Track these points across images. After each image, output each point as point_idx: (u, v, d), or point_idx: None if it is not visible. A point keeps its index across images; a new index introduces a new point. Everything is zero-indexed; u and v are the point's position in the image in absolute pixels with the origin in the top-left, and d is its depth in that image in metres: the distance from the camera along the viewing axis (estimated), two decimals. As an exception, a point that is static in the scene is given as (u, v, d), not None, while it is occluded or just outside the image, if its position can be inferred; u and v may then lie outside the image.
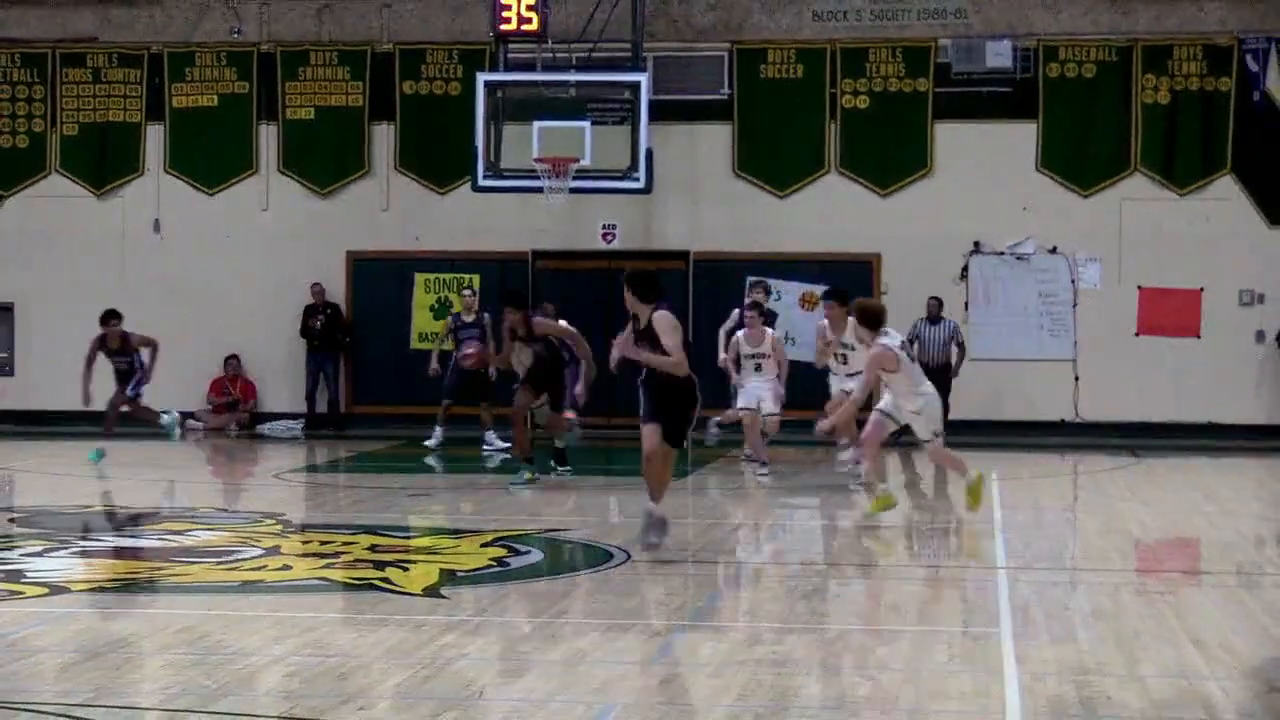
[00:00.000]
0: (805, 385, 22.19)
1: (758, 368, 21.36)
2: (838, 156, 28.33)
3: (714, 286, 27.62)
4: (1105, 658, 10.60)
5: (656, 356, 14.27)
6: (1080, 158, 28.11)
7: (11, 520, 17.12)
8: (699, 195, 28.29)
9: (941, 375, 25.23)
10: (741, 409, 21.36)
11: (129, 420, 23.52)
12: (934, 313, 26.87)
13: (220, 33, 28.98)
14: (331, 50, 29.00)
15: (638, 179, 25.44)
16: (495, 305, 23.81)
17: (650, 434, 14.51)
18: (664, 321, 14.37)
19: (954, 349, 26.96)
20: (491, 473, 20.95)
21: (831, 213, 28.12)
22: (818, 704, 9.33)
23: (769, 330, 21.69)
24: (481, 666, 10.44)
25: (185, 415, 28.16)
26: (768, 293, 23.71)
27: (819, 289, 27.26)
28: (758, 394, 21.20)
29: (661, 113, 26.40)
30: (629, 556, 14.60)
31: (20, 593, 12.95)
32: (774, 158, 28.46)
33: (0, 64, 29.22)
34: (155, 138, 29.17)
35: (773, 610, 12.68)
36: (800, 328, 26.30)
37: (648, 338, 14.34)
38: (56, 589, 13.17)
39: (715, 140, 28.45)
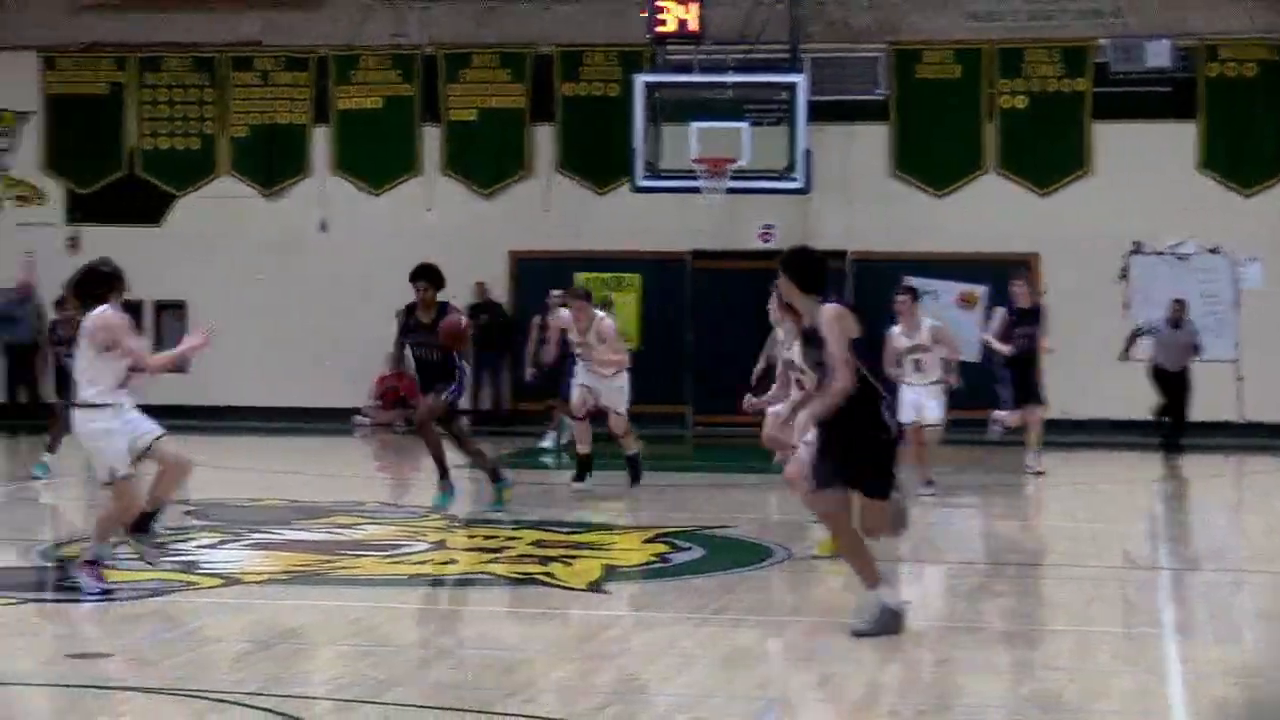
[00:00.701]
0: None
1: (917, 365, 19.23)
2: (996, 156, 28.11)
3: (872, 286, 27.49)
4: (1272, 658, 10.45)
5: (821, 404, 10.68)
6: (1241, 157, 27.70)
7: (187, 513, 17.34)
8: (855, 195, 28.15)
9: (1179, 381, 24.98)
10: (904, 424, 18.29)
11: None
12: (1177, 315, 26.28)
13: (384, 36, 29.19)
14: (493, 52, 29.14)
15: (795, 179, 25.40)
16: (657, 304, 23.77)
17: (829, 500, 10.76)
18: (828, 322, 10.46)
19: (1191, 354, 26.18)
20: (648, 470, 20.93)
21: (989, 212, 27.89)
22: (980, 703, 9.27)
23: (926, 319, 19.59)
24: (643, 662, 10.47)
25: (353, 411, 28.49)
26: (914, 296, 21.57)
27: (978, 288, 27.12)
28: (918, 403, 19.19)
29: (819, 113, 26.32)
30: (789, 554, 14.56)
31: (195, 584, 13.12)
32: (931, 157, 28.29)
33: (171, 68, 29.60)
34: (321, 139, 29.44)
35: (933, 609, 12.61)
36: (957, 328, 26.11)
37: (814, 343, 10.57)
38: (230, 580, 13.34)
39: (872, 140, 28.31)
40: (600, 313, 19.63)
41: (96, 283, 11.87)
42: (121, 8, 29.34)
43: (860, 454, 10.57)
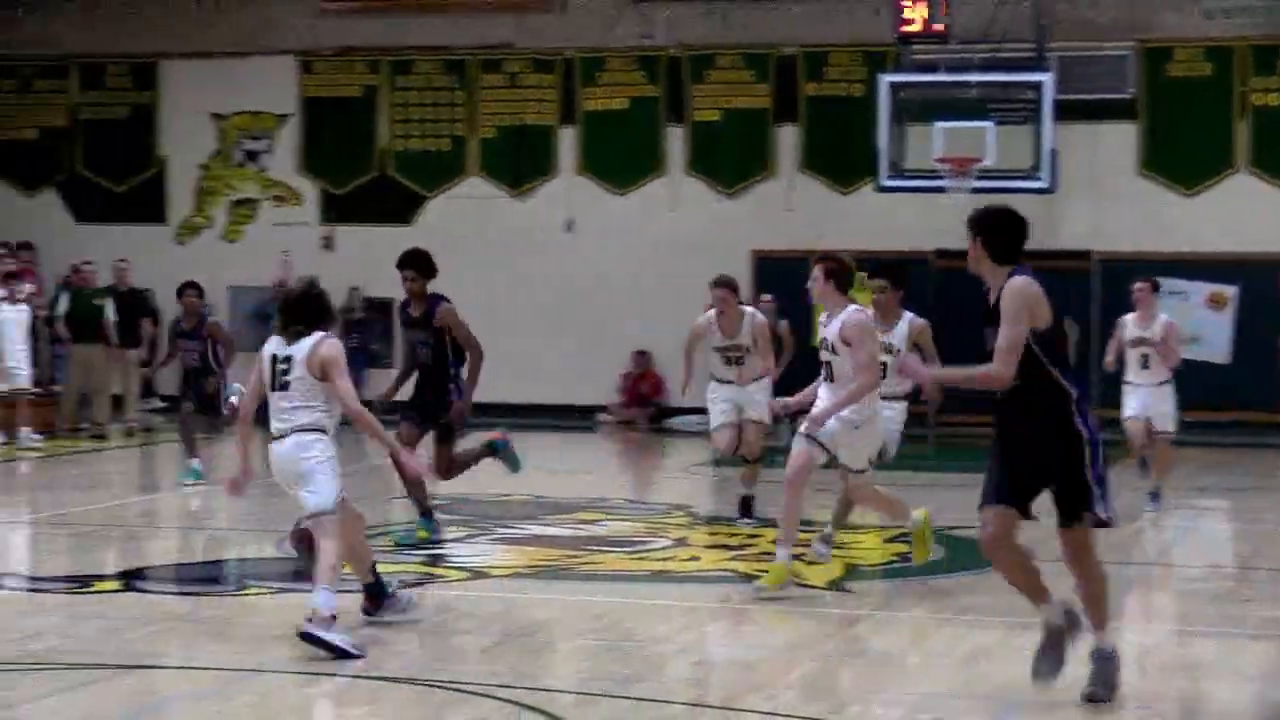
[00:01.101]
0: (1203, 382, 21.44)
1: (1144, 362, 17.68)
2: (1247, 155, 27.52)
3: (1118, 287, 27.05)
4: None
5: (960, 371, 9.41)
6: None
7: (434, 507, 17.61)
8: (1102, 194, 27.71)
9: None
10: (1128, 418, 17.82)
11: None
12: None
13: (630, 37, 29.32)
14: (737, 53, 29.15)
15: (1040, 178, 25.08)
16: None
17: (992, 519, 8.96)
18: (1013, 297, 8.77)
19: None
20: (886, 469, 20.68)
21: (1242, 212, 27.26)
22: (1227, 709, 9.11)
23: (1161, 314, 18.12)
24: (885, 661, 10.45)
25: (597, 409, 28.67)
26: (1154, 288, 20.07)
27: (1228, 289, 26.56)
28: (1145, 404, 17.66)
29: (1065, 112, 25.95)
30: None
31: (443, 577, 13.35)
32: (1180, 156, 27.74)
33: (423, 71, 30.00)
34: (568, 140, 29.66)
35: (1180, 612, 12.42)
36: (1206, 329, 25.69)
37: (998, 322, 8.79)
38: (476, 574, 13.53)
39: (1120, 139, 27.83)
40: (750, 309, 16.34)
41: (321, 310, 10.87)
42: (377, 12, 29.82)
43: (1045, 466, 8.80)
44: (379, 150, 30.06)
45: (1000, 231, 8.90)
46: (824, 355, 12.56)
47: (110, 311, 25.43)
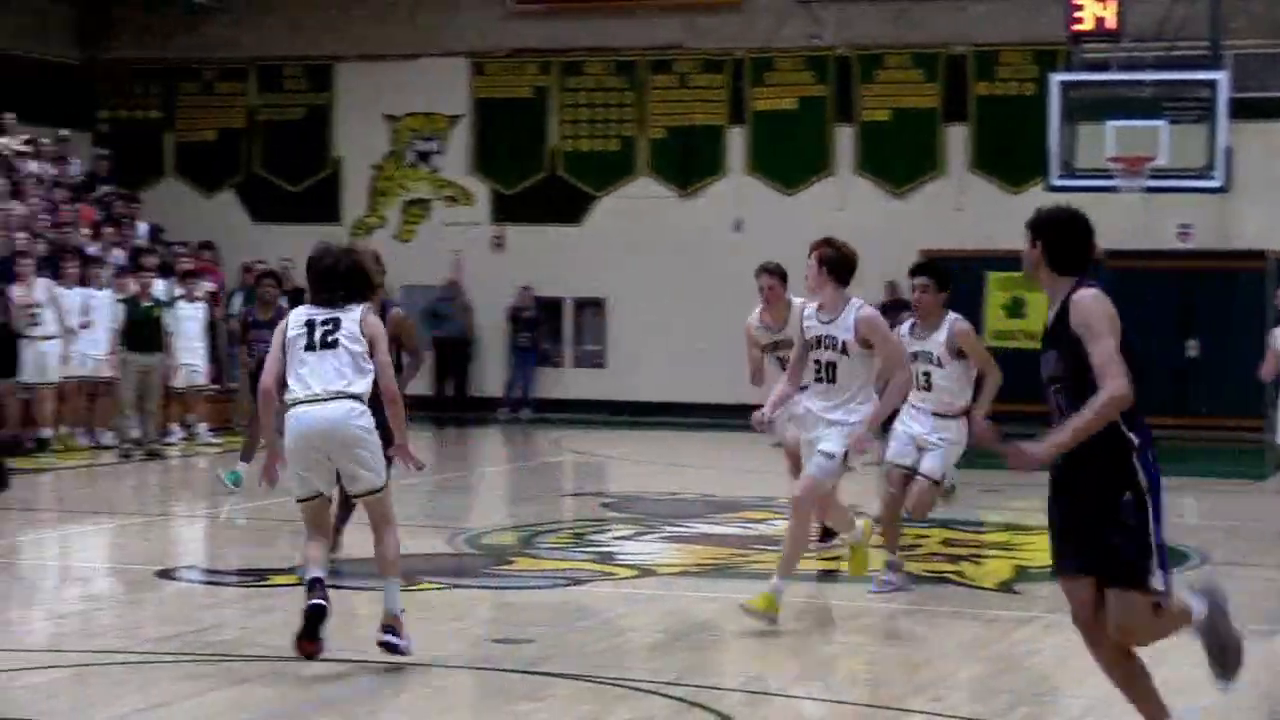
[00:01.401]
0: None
1: None
2: None
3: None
4: None
5: (1079, 424, 7.15)
6: None
7: (604, 505, 17.66)
8: (1278, 194, 27.26)
9: None
10: None
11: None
12: None
13: (799, 38, 29.24)
14: (906, 53, 29.00)
15: (1215, 177, 24.73)
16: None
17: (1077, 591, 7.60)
18: (1091, 309, 7.25)
19: None
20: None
21: None
22: None
23: None
24: (1054, 664, 10.33)
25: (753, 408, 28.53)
26: None
27: None
28: None
29: (1240, 110, 25.54)
30: (1205, 558, 14.20)
31: (612, 574, 13.37)
32: (1360, 154, 27.27)
33: (594, 72, 30.11)
34: (737, 140, 29.64)
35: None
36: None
37: (1061, 343, 7.33)
38: (645, 571, 13.54)
39: (1297, 137, 27.41)
40: (799, 300, 13.26)
41: (364, 280, 10.12)
42: (549, 14, 29.96)
43: (1101, 525, 7.29)
44: (549, 151, 30.20)
45: (1064, 236, 7.50)
46: (824, 355, 11.13)
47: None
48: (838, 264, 11.34)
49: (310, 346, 9.63)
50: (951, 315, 12.58)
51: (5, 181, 25.95)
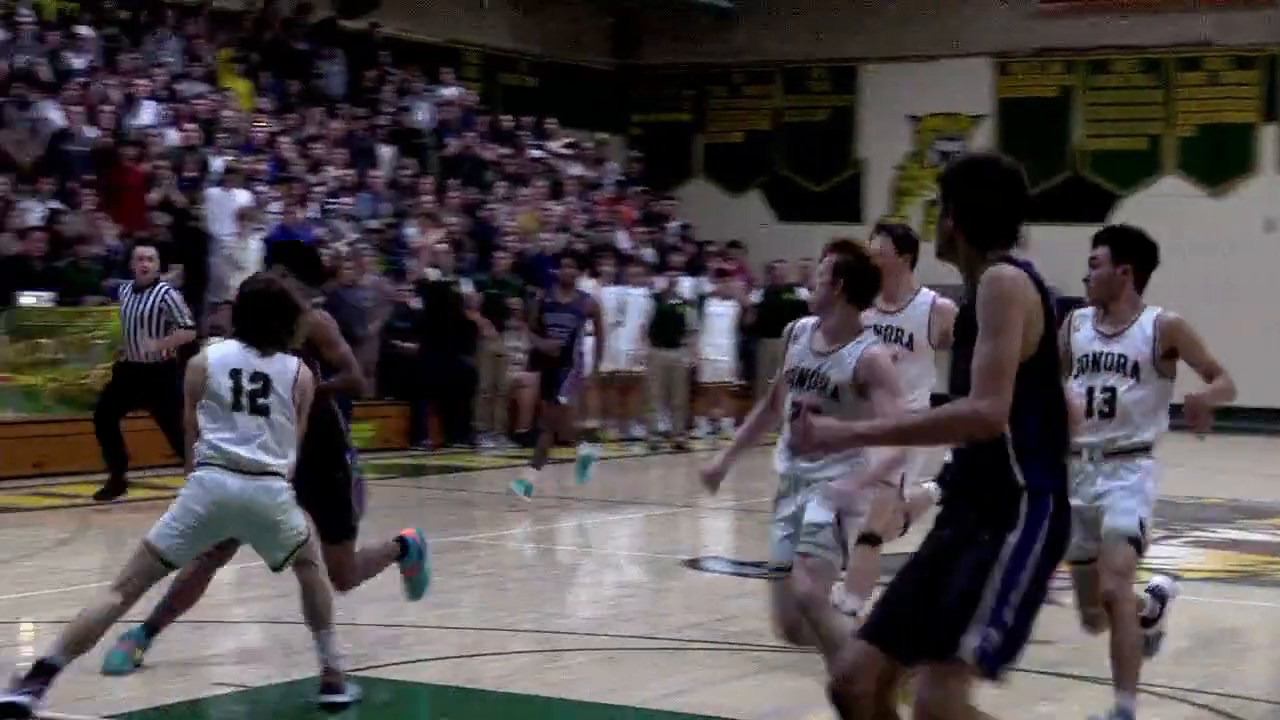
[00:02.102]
0: None
1: None
2: None
3: None
4: None
5: (908, 422, 6.04)
6: None
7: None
8: None
9: None
10: None
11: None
12: None
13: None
14: None
15: None
16: None
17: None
18: (993, 291, 5.21)
19: None
20: None
21: None
22: None
23: None
24: None
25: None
26: None
27: None
28: None
29: None
30: None
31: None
32: None
33: (1120, 70, 29.56)
34: (1269, 138, 28.68)
35: None
36: None
37: (965, 339, 5.31)
38: (1169, 576, 13.21)
39: None
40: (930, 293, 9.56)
41: (289, 315, 8.50)
42: (1075, 13, 29.51)
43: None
44: (1072, 150, 29.77)
45: (984, 196, 5.42)
46: (807, 398, 7.75)
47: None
48: (858, 276, 8.08)
49: (237, 406, 8.22)
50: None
51: (546, 183, 26.87)
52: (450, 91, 27.85)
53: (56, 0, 23.20)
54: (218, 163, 21.96)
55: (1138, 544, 7.96)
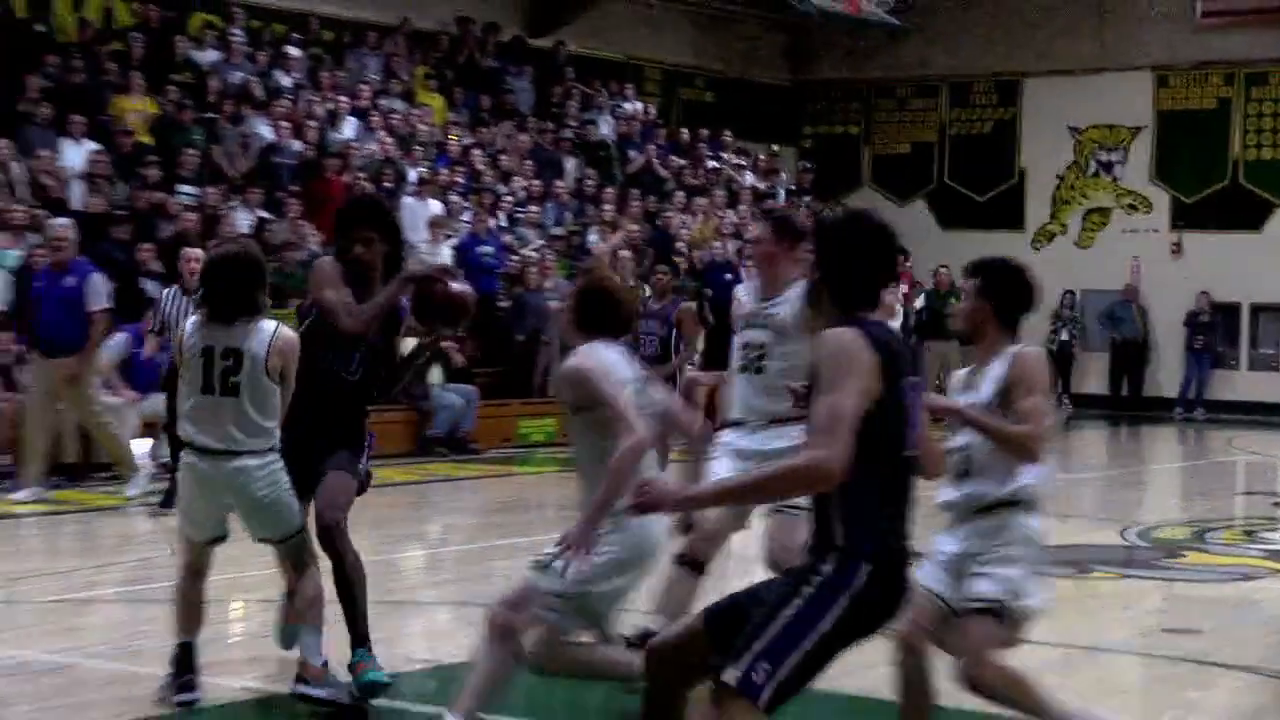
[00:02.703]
0: None
1: None
2: None
3: None
4: None
5: (750, 479, 5.90)
6: None
7: (1276, 504, 17.08)
8: None
9: None
10: None
11: None
12: None
13: None
14: None
15: None
16: None
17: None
18: (831, 349, 4.98)
19: None
20: None
21: None
22: None
23: None
24: None
25: None
26: None
27: None
28: None
29: None
30: None
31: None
32: None
33: (1277, 82, 29.07)
34: None
35: None
36: None
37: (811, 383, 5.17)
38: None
39: None
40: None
41: (256, 279, 7.79)
42: (1234, 26, 29.04)
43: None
44: (1231, 159, 29.34)
45: (850, 258, 5.17)
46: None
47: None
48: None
49: (208, 388, 7.59)
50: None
51: (723, 193, 26.97)
52: (631, 106, 28.03)
53: (269, 23, 23.65)
54: (413, 174, 22.30)
55: (998, 615, 6.44)
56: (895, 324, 24.64)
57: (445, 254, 20.29)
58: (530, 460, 19.95)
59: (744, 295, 8.27)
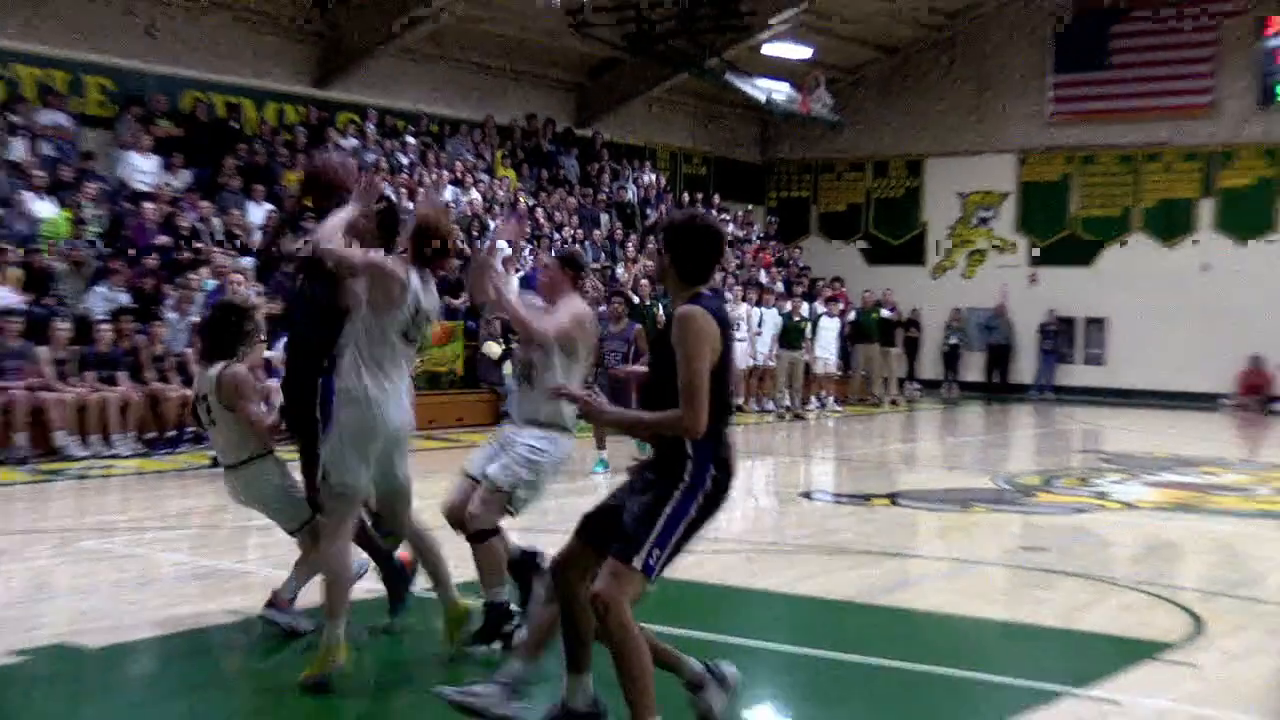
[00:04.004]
0: None
1: None
2: None
3: None
4: None
5: (646, 419, 5.14)
6: None
7: (1101, 459, 17.08)
8: None
9: None
10: None
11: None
12: None
13: (1258, 135, 27.39)
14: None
15: None
16: None
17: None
18: (688, 327, 4.90)
19: None
20: None
21: None
22: None
23: None
24: None
25: (1220, 396, 26.99)
26: None
27: None
28: None
29: None
30: None
31: (1105, 506, 12.95)
32: None
33: (1104, 162, 28.95)
34: (1206, 208, 27.91)
35: None
36: None
37: (660, 350, 5.10)
38: (1129, 506, 13.05)
39: None
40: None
41: (235, 327, 7.00)
42: (1074, 122, 28.95)
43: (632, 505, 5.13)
44: (1070, 216, 29.32)
45: (693, 244, 5.02)
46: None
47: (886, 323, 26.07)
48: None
49: (201, 425, 7.09)
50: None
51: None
52: (648, 177, 28.04)
53: (393, 119, 23.71)
54: (493, 224, 22.33)
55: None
56: (833, 324, 24.65)
57: (515, 283, 20.31)
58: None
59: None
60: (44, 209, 17.06)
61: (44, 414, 14.38)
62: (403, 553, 7.06)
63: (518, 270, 21.04)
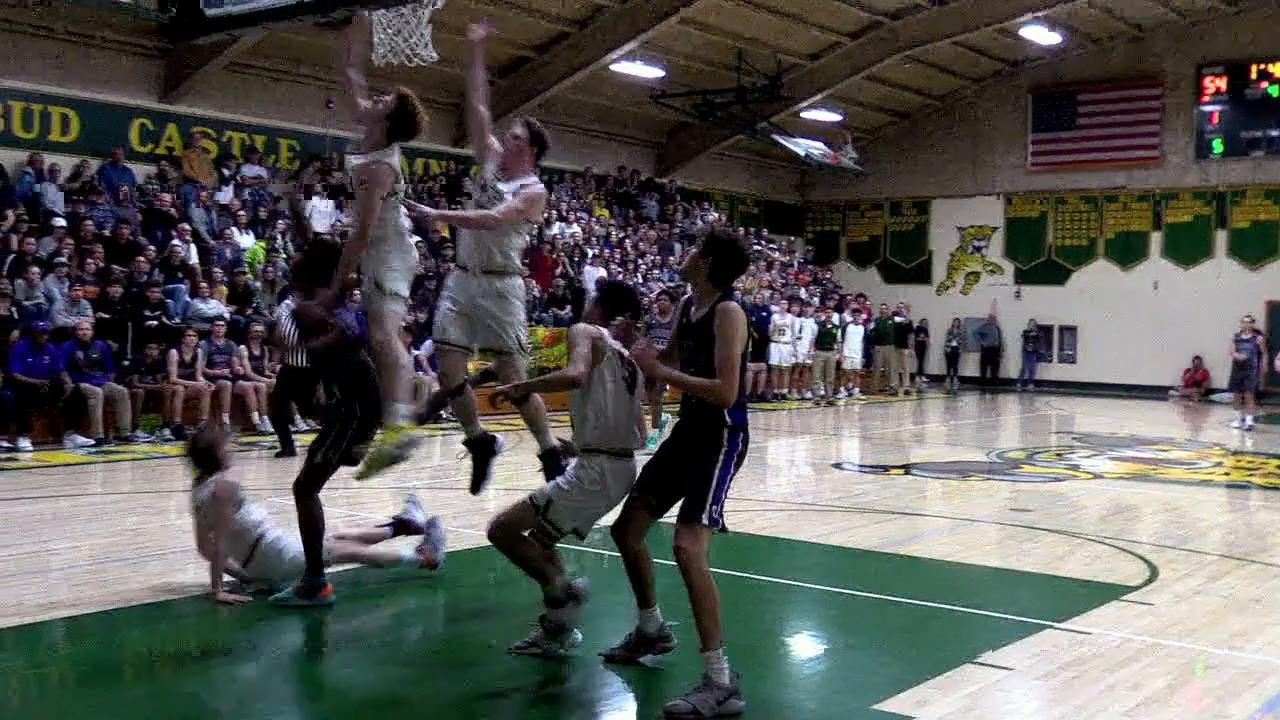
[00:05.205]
0: None
1: None
2: None
3: None
4: None
5: (692, 382, 4.91)
6: None
7: (1074, 439, 16.73)
8: None
9: None
10: None
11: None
12: None
13: (1196, 180, 26.74)
14: (1260, 189, 26.02)
15: None
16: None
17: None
18: (729, 317, 4.87)
19: None
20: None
21: None
22: None
23: None
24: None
25: (1168, 388, 26.36)
26: None
27: None
28: None
29: None
30: None
31: (1078, 476, 12.69)
32: None
33: (1073, 202, 28.48)
34: (1156, 239, 27.36)
35: None
36: None
37: (701, 336, 4.92)
38: (1097, 476, 12.79)
39: None
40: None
41: (210, 455, 6.50)
42: (1049, 171, 28.41)
43: (683, 470, 5.05)
44: (1048, 245, 28.79)
45: (728, 257, 4.94)
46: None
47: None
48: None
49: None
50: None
51: (764, 262, 26.80)
52: (711, 215, 27.93)
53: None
54: (590, 253, 22.35)
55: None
56: (858, 330, 24.38)
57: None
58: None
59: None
60: (245, 240, 17.51)
61: (244, 398, 14.61)
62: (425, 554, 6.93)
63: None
